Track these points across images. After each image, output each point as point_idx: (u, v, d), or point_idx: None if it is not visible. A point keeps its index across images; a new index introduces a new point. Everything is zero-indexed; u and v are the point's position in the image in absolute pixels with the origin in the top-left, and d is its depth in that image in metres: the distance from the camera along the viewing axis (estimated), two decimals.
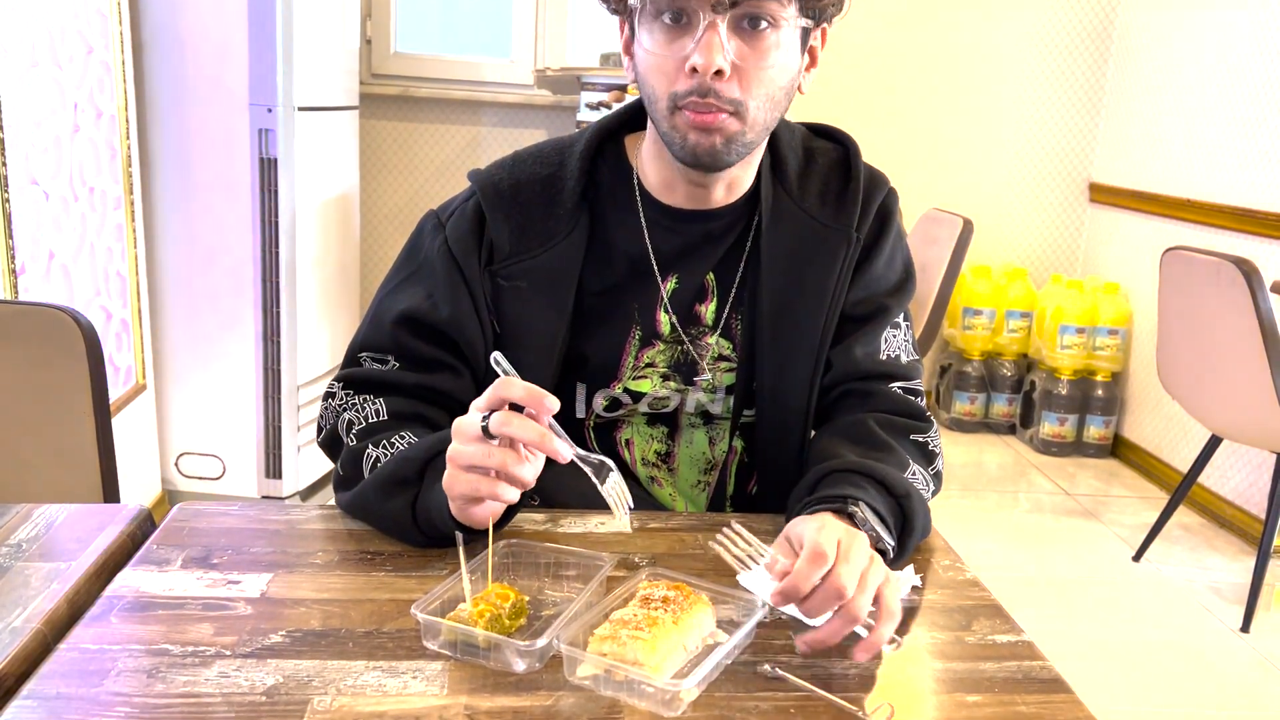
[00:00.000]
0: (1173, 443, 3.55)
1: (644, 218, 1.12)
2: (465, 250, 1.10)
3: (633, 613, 0.79)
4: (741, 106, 1.00)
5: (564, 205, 1.10)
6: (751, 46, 0.98)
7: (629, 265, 1.12)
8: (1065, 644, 2.44)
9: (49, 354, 1.22)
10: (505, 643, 0.77)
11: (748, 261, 1.13)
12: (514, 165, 1.14)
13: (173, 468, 2.77)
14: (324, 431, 1.10)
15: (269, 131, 2.52)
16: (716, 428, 1.18)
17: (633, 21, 1.03)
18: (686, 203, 1.12)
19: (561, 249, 1.10)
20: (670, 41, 0.99)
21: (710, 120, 0.99)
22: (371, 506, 0.99)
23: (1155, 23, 3.72)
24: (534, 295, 1.10)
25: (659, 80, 1.01)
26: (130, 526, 0.97)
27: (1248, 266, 2.38)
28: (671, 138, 1.03)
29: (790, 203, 1.12)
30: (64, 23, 2.13)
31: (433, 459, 0.96)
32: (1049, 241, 4.13)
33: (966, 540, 2.99)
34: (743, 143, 1.02)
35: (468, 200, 1.13)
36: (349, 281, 3.08)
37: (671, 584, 0.83)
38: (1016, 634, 0.87)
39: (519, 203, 1.11)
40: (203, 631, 0.80)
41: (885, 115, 3.94)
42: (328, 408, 1.11)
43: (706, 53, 0.96)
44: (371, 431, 1.04)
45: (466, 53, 3.85)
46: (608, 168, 1.14)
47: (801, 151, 1.16)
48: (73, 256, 2.21)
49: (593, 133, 1.15)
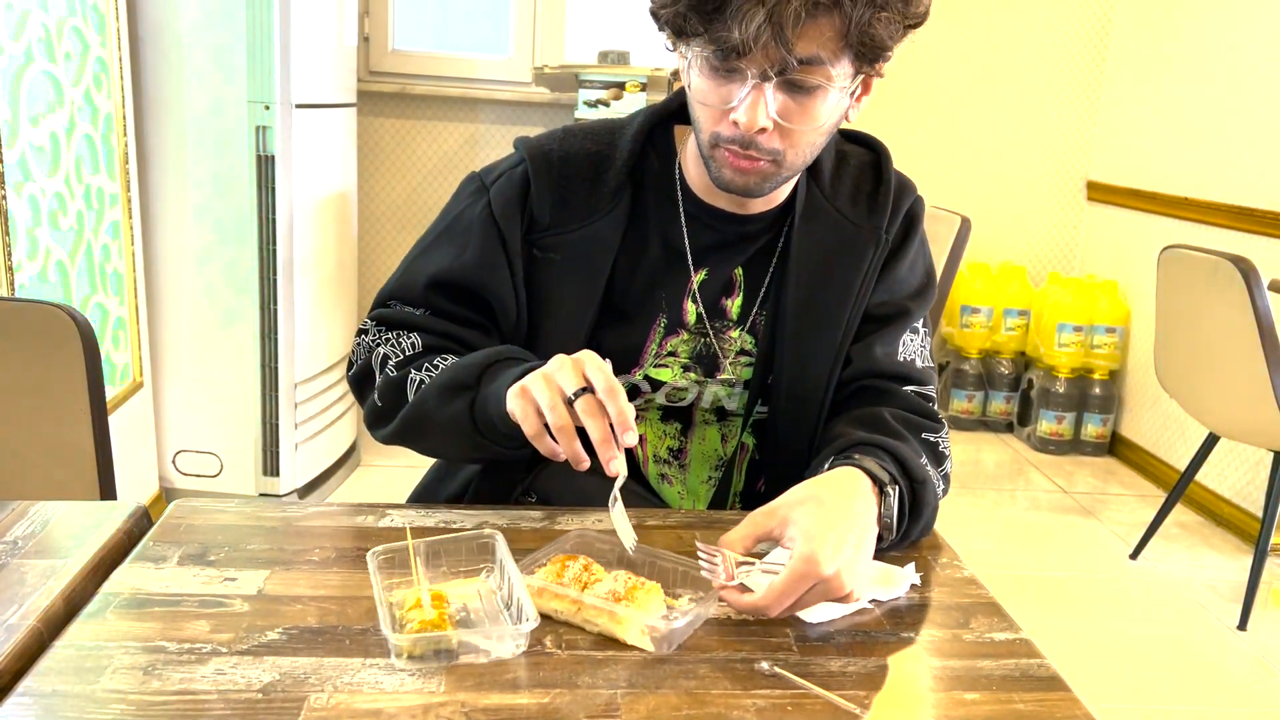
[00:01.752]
0: (1170, 441, 3.55)
1: (683, 210, 1.13)
2: (508, 215, 1.10)
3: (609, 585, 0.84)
4: (781, 156, 1.01)
5: (608, 185, 1.11)
6: (799, 104, 0.98)
7: (663, 252, 1.13)
8: (1063, 642, 2.45)
9: (46, 351, 1.22)
10: (492, 631, 0.79)
11: (779, 259, 1.14)
12: (565, 138, 1.14)
13: (170, 465, 2.76)
14: (355, 366, 1.13)
15: (267, 129, 2.52)
16: (729, 424, 1.18)
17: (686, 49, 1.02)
18: (726, 206, 1.13)
19: (599, 227, 1.10)
20: (717, 88, 0.98)
21: (749, 166, 1.01)
22: (431, 413, 1.03)
23: (1153, 21, 3.72)
24: (567, 269, 1.10)
25: (704, 116, 1.02)
26: (127, 523, 0.97)
27: (1245, 265, 2.38)
28: (710, 166, 1.04)
29: (823, 200, 1.14)
30: (61, 20, 2.13)
31: (490, 365, 1.01)
32: (1047, 239, 4.14)
33: (964, 538, 2.99)
34: (779, 179, 1.04)
35: (515, 167, 1.13)
36: (347, 278, 3.08)
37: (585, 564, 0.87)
38: (1014, 632, 0.87)
39: (565, 175, 1.11)
40: (199, 628, 0.80)
41: (884, 114, 3.94)
42: (360, 344, 1.13)
43: (751, 114, 0.96)
44: (410, 360, 1.07)
45: (464, 50, 3.84)
46: (655, 154, 1.15)
47: (834, 154, 1.17)
48: (70, 254, 2.21)
49: (645, 117, 1.15)
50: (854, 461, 0.96)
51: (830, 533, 0.85)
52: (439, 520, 1.02)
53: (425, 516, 1.03)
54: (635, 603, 0.81)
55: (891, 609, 0.90)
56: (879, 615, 0.89)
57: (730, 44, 0.92)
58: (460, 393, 1.01)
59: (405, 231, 3.88)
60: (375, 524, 1.01)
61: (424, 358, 1.07)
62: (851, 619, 0.88)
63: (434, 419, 1.03)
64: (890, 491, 0.95)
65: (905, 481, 0.98)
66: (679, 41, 1.00)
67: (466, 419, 1.01)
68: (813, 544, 0.84)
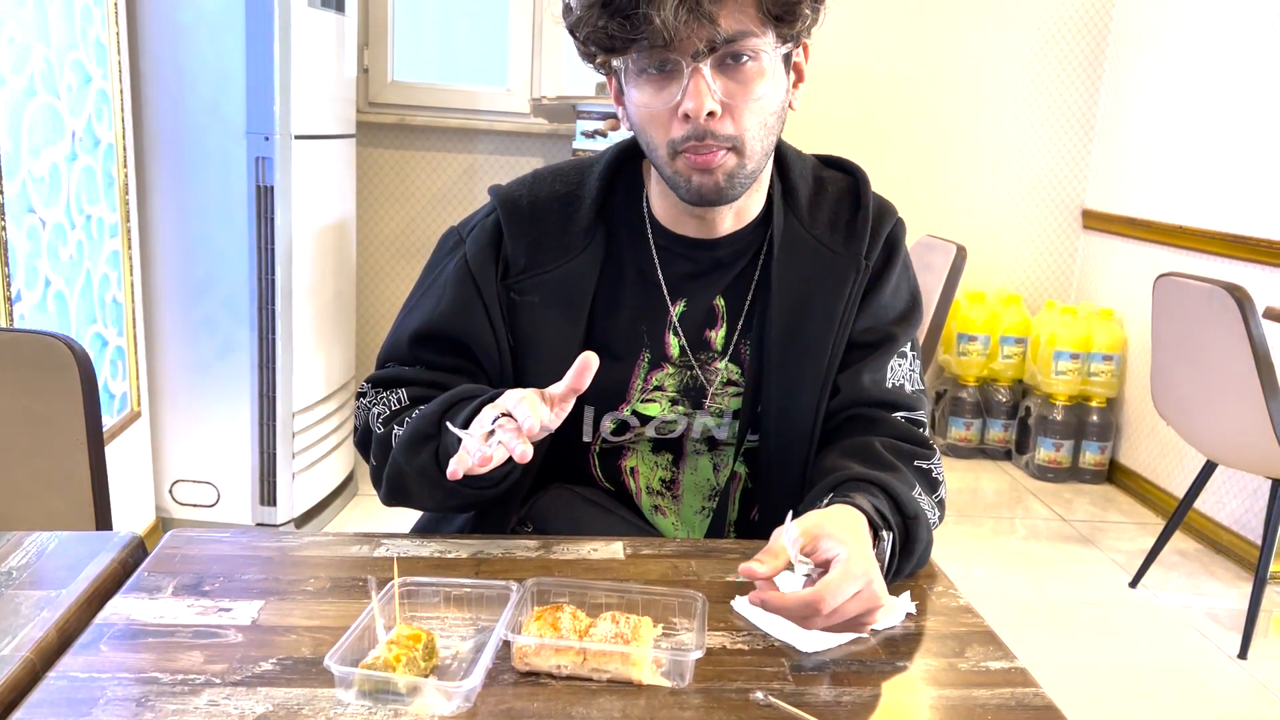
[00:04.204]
0: (1168, 468, 3.55)
1: (654, 243, 1.15)
2: (481, 266, 1.13)
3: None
4: (738, 140, 1.02)
5: (579, 224, 1.13)
6: (738, 82, 1.00)
7: (639, 286, 1.14)
8: (1062, 671, 2.43)
9: (44, 381, 1.22)
10: (431, 685, 0.75)
11: (757, 287, 1.15)
12: (534, 183, 1.17)
13: (166, 495, 2.76)
14: (358, 430, 1.16)
15: (266, 159, 2.54)
16: (721, 454, 1.18)
17: (619, 77, 1.06)
18: (695, 233, 1.14)
19: (575, 265, 1.12)
20: (659, 91, 1.01)
21: (711, 160, 1.02)
22: (404, 470, 1.05)
23: (1146, 50, 3.76)
24: (547, 309, 1.12)
25: (655, 130, 1.04)
26: (122, 554, 0.97)
27: (1240, 292, 2.39)
28: (676, 181, 1.05)
29: (801, 229, 1.14)
30: (63, 52, 2.15)
31: (446, 411, 1.02)
32: (1043, 267, 4.15)
33: (963, 566, 2.99)
34: (745, 174, 1.05)
35: (487, 216, 1.16)
36: (345, 308, 3.09)
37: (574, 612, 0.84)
38: (1010, 661, 0.87)
39: (536, 219, 1.13)
40: (193, 659, 0.80)
41: (879, 142, 3.97)
42: (360, 405, 1.16)
43: (696, 98, 0.98)
44: (394, 416, 1.10)
45: (463, 81, 3.87)
46: (623, 190, 1.16)
47: (812, 180, 1.18)
48: (69, 283, 2.22)
49: (611, 155, 1.17)
50: (852, 500, 0.96)
51: (863, 543, 0.88)
52: (434, 551, 1.02)
53: (420, 547, 1.03)
54: (640, 640, 0.80)
55: (887, 638, 0.90)
56: (874, 644, 0.89)
57: (655, 33, 0.96)
58: (424, 443, 1.03)
59: (404, 261, 3.89)
60: (371, 554, 1.01)
61: (406, 412, 1.09)
62: (847, 648, 0.88)
63: (407, 473, 1.05)
64: (885, 537, 0.95)
65: (898, 517, 0.98)
66: (609, 56, 1.03)
67: (434, 468, 1.02)
68: (852, 550, 0.85)
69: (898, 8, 3.86)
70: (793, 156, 1.18)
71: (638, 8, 0.95)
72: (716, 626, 0.89)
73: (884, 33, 3.86)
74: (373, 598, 0.82)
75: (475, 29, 3.93)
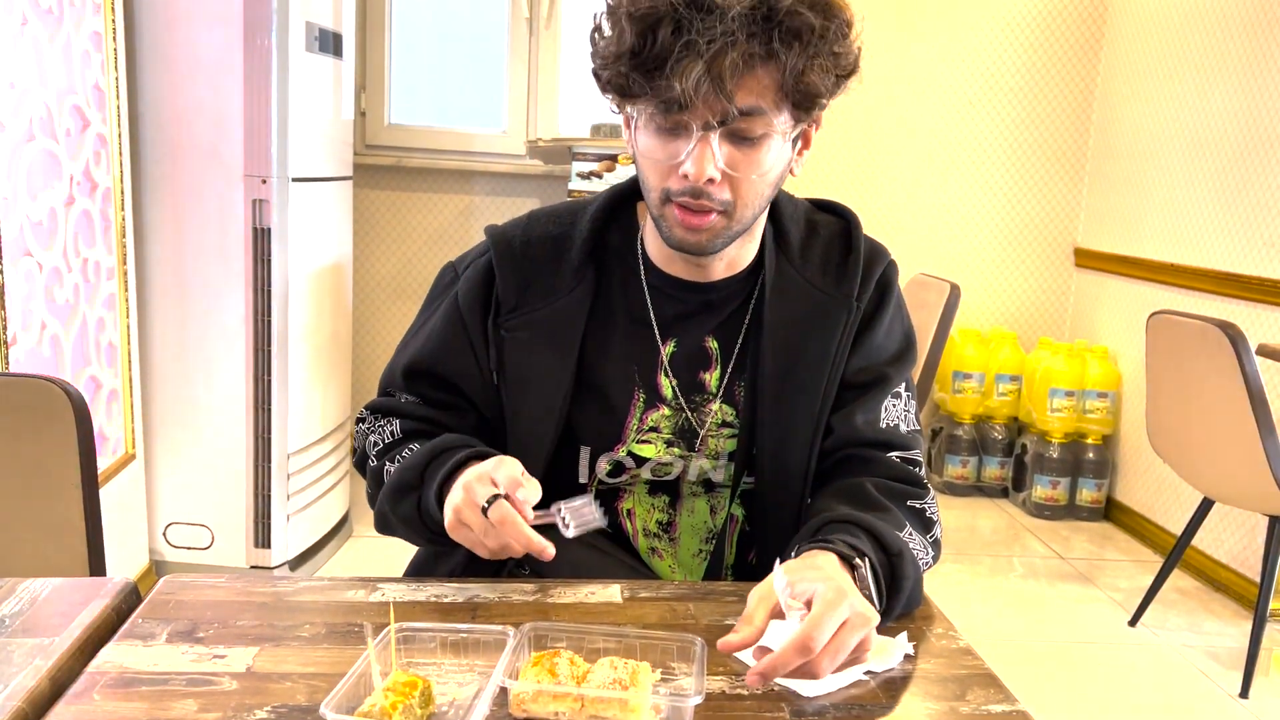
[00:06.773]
0: (1165, 506, 3.54)
1: (646, 282, 1.16)
2: (470, 306, 1.16)
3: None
4: (731, 206, 1.04)
5: (570, 264, 1.14)
6: (744, 154, 1.02)
7: (630, 326, 1.16)
8: (1061, 712, 2.41)
9: (38, 425, 1.22)
10: None
11: (749, 328, 1.16)
12: (529, 223, 1.19)
13: (160, 538, 2.74)
14: (356, 452, 1.22)
15: (263, 202, 2.55)
16: (717, 496, 1.18)
17: (632, 116, 1.07)
18: (686, 275, 1.15)
19: (564, 304, 1.13)
20: (665, 145, 1.02)
21: (701, 223, 1.04)
22: (389, 513, 1.11)
23: (1136, 90, 3.80)
24: (535, 347, 1.13)
25: (653, 174, 1.05)
26: (115, 600, 0.96)
27: (1233, 330, 2.40)
28: (661, 225, 1.07)
29: (793, 271, 1.15)
30: (63, 97, 2.16)
31: (428, 465, 1.07)
32: (1036, 305, 4.17)
33: (961, 605, 2.97)
34: (731, 234, 1.07)
35: (481, 256, 1.19)
36: (341, 349, 3.09)
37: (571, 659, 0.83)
38: (1011, 704, 0.86)
39: (527, 258, 1.15)
40: (186, 708, 0.79)
41: (872, 182, 4.00)
42: (358, 431, 1.22)
43: (698, 165, 1.00)
44: (388, 450, 1.15)
45: (459, 124, 3.91)
46: (617, 230, 1.18)
47: (804, 224, 1.19)
48: (65, 327, 2.22)
49: (606, 196, 1.19)
50: (819, 543, 0.96)
51: (837, 575, 0.89)
52: (429, 595, 1.02)
53: (416, 591, 1.02)
54: (639, 685, 0.80)
55: (886, 680, 0.90)
56: (874, 687, 0.88)
57: (673, 98, 0.97)
58: (407, 494, 1.08)
59: (401, 302, 3.90)
60: (366, 599, 1.01)
61: (398, 447, 1.14)
62: (846, 692, 0.87)
63: (393, 519, 1.10)
64: (860, 564, 0.94)
65: (879, 554, 0.98)
66: (624, 101, 1.04)
67: (417, 520, 1.07)
68: (832, 581, 0.85)
69: (889, 48, 3.91)
70: (785, 201, 1.19)
71: (663, 70, 0.96)
72: (716, 671, 0.88)
73: (876, 73, 3.90)
74: (369, 644, 0.81)
75: (471, 72, 3.97)
